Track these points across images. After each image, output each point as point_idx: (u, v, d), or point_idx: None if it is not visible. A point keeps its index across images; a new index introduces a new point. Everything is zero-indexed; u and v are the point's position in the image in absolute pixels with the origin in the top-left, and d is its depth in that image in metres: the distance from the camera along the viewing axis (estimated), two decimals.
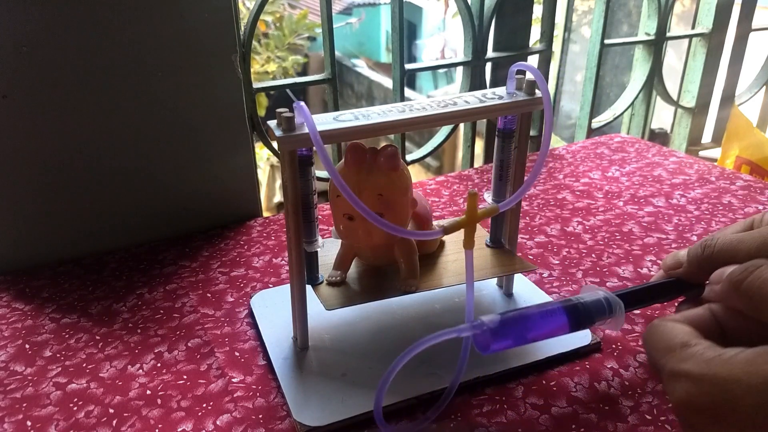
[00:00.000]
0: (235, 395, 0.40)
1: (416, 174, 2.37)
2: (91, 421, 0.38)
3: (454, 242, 0.47)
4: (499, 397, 0.40)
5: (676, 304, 0.41)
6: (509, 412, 0.38)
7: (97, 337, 0.46)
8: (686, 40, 1.06)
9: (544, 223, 0.62)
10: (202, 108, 0.57)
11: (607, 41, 0.90)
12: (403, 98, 0.75)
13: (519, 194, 0.38)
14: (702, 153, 1.12)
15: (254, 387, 0.41)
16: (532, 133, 0.47)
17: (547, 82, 0.93)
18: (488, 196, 0.45)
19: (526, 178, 0.39)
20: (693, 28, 1.04)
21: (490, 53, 0.81)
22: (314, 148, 0.34)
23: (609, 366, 0.42)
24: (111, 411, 0.39)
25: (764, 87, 1.17)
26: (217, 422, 0.38)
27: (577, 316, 0.35)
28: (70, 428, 0.38)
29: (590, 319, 0.36)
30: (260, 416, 0.38)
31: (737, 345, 0.27)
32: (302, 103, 0.34)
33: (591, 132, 0.96)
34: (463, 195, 0.68)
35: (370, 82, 4.58)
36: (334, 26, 0.68)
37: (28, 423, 0.38)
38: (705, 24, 1.02)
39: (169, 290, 0.52)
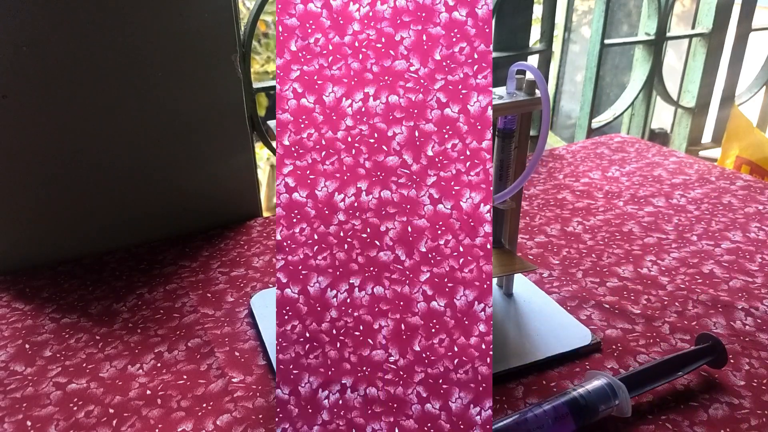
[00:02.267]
0: (235, 395, 0.40)
1: None
2: (91, 421, 0.38)
3: None
4: (499, 397, 0.40)
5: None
6: (509, 412, 0.38)
7: (97, 337, 0.46)
8: (686, 40, 1.06)
9: (544, 223, 0.62)
10: (202, 108, 0.57)
11: (607, 41, 0.90)
12: None
13: (514, 187, 0.38)
14: (702, 153, 1.12)
15: (254, 387, 0.41)
16: (532, 133, 0.47)
17: (547, 82, 0.93)
18: None
19: (522, 175, 0.39)
20: (693, 28, 1.04)
21: None
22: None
23: (609, 366, 0.42)
24: (111, 411, 0.39)
25: (764, 87, 1.17)
26: (217, 422, 0.38)
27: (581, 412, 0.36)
28: (70, 428, 0.38)
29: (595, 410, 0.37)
30: (260, 416, 0.38)
31: None
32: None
33: (591, 132, 0.96)
34: None
35: None
36: None
37: (28, 423, 0.38)
38: (705, 24, 1.02)
39: (169, 290, 0.52)
